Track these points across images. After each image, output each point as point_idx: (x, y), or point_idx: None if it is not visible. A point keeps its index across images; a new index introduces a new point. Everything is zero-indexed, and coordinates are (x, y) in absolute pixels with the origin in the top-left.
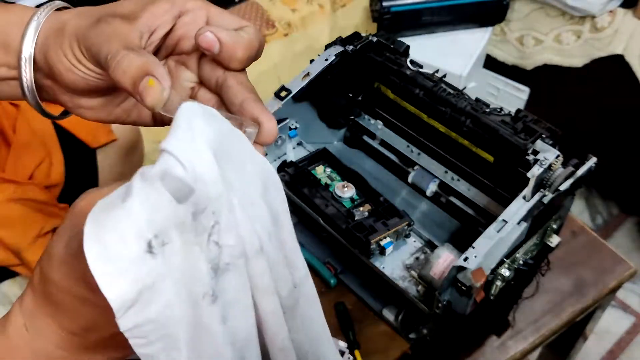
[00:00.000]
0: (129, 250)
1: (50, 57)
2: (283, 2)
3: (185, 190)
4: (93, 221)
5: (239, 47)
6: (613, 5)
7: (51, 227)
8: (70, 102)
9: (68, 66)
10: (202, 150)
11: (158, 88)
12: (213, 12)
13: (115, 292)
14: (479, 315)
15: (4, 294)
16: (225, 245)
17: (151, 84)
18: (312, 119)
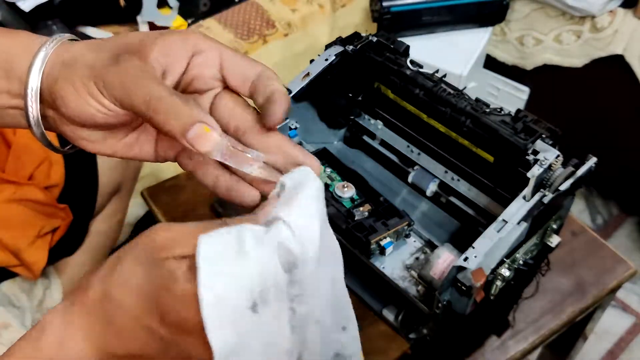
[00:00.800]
0: (240, 304)
1: (56, 90)
2: (283, 2)
3: (292, 264)
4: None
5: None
6: (613, 5)
7: (51, 228)
8: (72, 133)
9: (78, 101)
10: (315, 232)
11: (214, 135)
12: (226, 55)
13: (221, 340)
14: (479, 315)
15: (3, 294)
16: (298, 313)
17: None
18: (312, 119)
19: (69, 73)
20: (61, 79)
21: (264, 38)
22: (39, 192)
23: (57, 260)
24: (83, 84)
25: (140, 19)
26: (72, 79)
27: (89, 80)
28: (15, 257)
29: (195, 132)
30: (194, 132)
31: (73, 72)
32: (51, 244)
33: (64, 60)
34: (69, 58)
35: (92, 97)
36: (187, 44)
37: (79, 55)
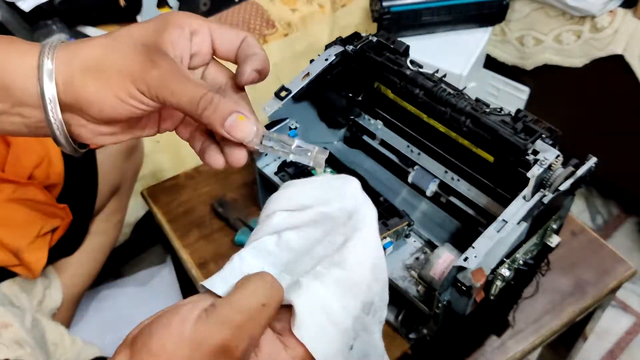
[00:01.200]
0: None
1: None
2: (283, 2)
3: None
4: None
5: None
6: (613, 5)
7: (50, 228)
8: (90, 132)
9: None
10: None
11: (248, 123)
12: (214, 29)
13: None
14: (479, 315)
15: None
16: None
17: (242, 119)
18: (312, 119)
19: (100, 79)
20: (93, 86)
21: (264, 38)
22: (38, 191)
23: (57, 260)
24: (123, 88)
25: (140, 19)
26: (108, 85)
27: (129, 84)
28: (15, 257)
29: (232, 121)
30: (231, 122)
31: (107, 78)
32: (51, 244)
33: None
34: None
35: (134, 98)
36: (186, 32)
37: (101, 59)
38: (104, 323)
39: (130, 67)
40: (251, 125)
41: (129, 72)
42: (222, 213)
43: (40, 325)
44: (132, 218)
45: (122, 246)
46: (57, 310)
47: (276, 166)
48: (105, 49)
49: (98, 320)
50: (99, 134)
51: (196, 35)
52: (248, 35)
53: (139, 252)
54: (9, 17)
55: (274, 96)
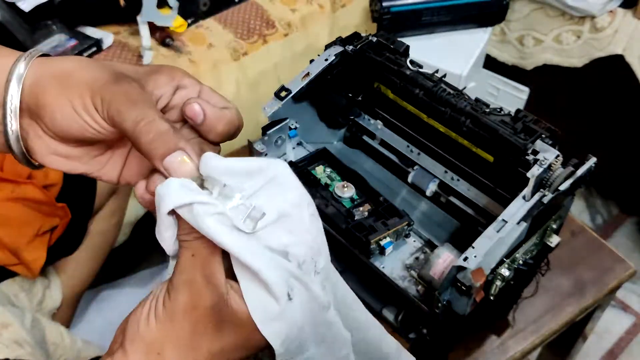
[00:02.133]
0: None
1: (45, 99)
2: (283, 2)
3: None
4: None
5: (220, 122)
6: (613, 5)
7: (49, 227)
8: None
9: (69, 113)
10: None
11: (191, 165)
12: (204, 90)
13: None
14: (479, 315)
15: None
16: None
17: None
18: (312, 119)
19: (63, 85)
20: (54, 90)
21: (264, 38)
22: (37, 191)
23: (57, 260)
24: (79, 97)
25: (140, 19)
26: (67, 91)
27: (87, 94)
28: (14, 256)
29: (173, 159)
30: (172, 159)
31: (69, 85)
32: (50, 243)
33: (55, 73)
34: (61, 72)
35: (86, 110)
36: (174, 81)
37: (73, 70)
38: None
39: (94, 80)
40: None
41: (91, 84)
42: None
43: (40, 325)
44: (132, 218)
45: (122, 246)
46: (57, 310)
47: None
48: (81, 64)
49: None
50: (52, 153)
51: (183, 90)
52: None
53: (139, 252)
54: (9, 17)
55: (274, 96)
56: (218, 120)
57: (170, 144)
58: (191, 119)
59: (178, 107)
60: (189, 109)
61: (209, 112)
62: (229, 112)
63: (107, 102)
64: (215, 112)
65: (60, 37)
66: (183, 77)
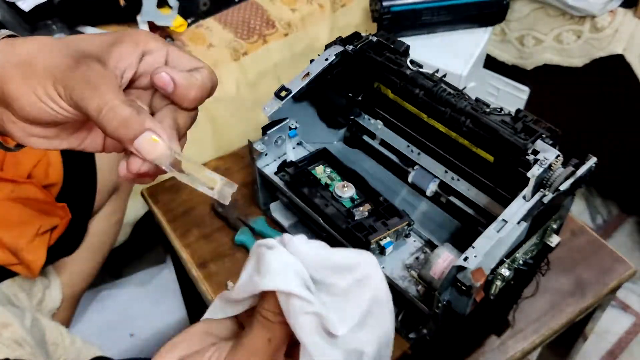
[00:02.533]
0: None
1: (11, 90)
2: (283, 2)
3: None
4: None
5: (191, 89)
6: (613, 5)
7: (49, 227)
8: (21, 131)
9: (35, 101)
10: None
11: (162, 145)
12: (171, 52)
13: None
14: (479, 315)
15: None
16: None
17: (155, 141)
18: (312, 119)
19: (25, 74)
20: (17, 80)
21: (264, 38)
22: (37, 190)
23: (57, 260)
24: (43, 86)
25: (140, 19)
26: (30, 80)
27: (49, 83)
28: (14, 256)
29: (143, 140)
30: (141, 141)
31: (31, 74)
32: (50, 243)
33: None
34: (22, 59)
35: (50, 98)
36: (138, 48)
37: (34, 55)
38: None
39: (55, 67)
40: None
41: (52, 71)
42: (222, 213)
43: (40, 325)
44: (132, 218)
45: (122, 246)
46: (57, 310)
47: (276, 166)
48: (40, 47)
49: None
50: (30, 135)
51: (149, 55)
52: (206, 68)
53: (139, 252)
54: (9, 17)
55: (274, 96)
56: (189, 87)
57: (136, 127)
58: (161, 89)
59: (147, 73)
60: (157, 78)
61: (178, 80)
62: (200, 76)
63: (68, 90)
64: (186, 78)
65: (60, 37)
66: (147, 42)
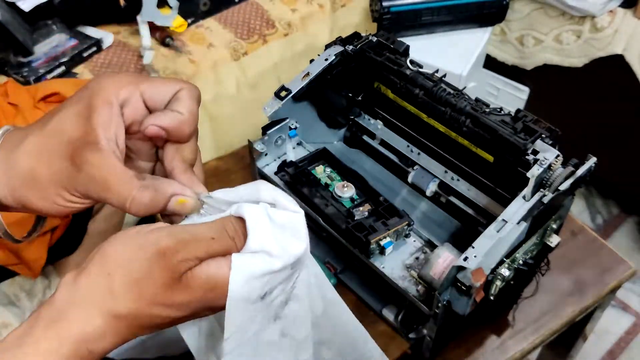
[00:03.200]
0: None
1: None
2: (283, 2)
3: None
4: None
5: (183, 126)
6: (613, 5)
7: (49, 227)
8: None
9: (58, 208)
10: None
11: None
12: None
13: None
14: (479, 315)
15: (3, 293)
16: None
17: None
18: (312, 119)
19: (37, 190)
20: (33, 198)
21: (264, 38)
22: None
23: (57, 260)
24: (58, 195)
25: (140, 19)
26: (45, 195)
27: (63, 191)
28: (15, 256)
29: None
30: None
31: (42, 189)
32: (50, 243)
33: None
34: (25, 176)
35: (71, 201)
36: (114, 107)
37: (34, 170)
38: None
39: (59, 176)
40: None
41: (58, 180)
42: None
43: None
44: (132, 218)
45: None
46: None
47: (276, 166)
48: (37, 159)
49: None
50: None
51: (127, 105)
52: (185, 89)
53: None
54: (9, 17)
55: (274, 96)
56: (180, 126)
57: (162, 203)
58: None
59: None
60: (148, 132)
61: (167, 126)
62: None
63: (84, 193)
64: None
65: (60, 37)
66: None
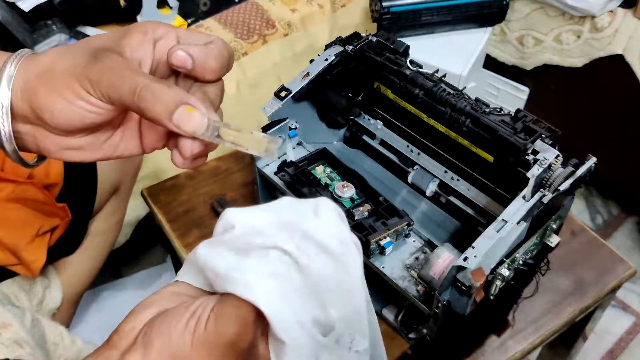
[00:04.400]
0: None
1: (38, 101)
2: (283, 2)
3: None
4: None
5: (210, 59)
6: (613, 5)
7: (49, 227)
8: (56, 145)
9: (65, 106)
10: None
11: (198, 114)
12: (182, 33)
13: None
14: (479, 315)
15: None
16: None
17: (190, 111)
18: (312, 119)
19: (48, 82)
20: (42, 89)
21: (264, 38)
22: (37, 190)
23: (57, 260)
24: (68, 88)
25: (140, 19)
26: (55, 86)
27: (74, 82)
28: (14, 256)
29: (180, 114)
30: (179, 114)
31: (54, 80)
32: (50, 243)
33: (37, 72)
34: (42, 69)
35: (80, 98)
36: (148, 36)
37: (52, 63)
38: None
39: (74, 67)
40: (201, 117)
41: (73, 71)
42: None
43: (40, 325)
44: (133, 218)
45: (122, 246)
46: (57, 310)
47: (276, 166)
48: (58, 54)
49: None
50: (65, 148)
51: (161, 40)
52: (218, 40)
53: (139, 252)
54: (9, 17)
55: (274, 96)
56: (207, 58)
57: (170, 101)
58: (181, 67)
59: (164, 59)
60: (174, 57)
61: (195, 54)
62: (215, 46)
63: (96, 83)
64: (201, 50)
65: (60, 37)
66: (156, 29)
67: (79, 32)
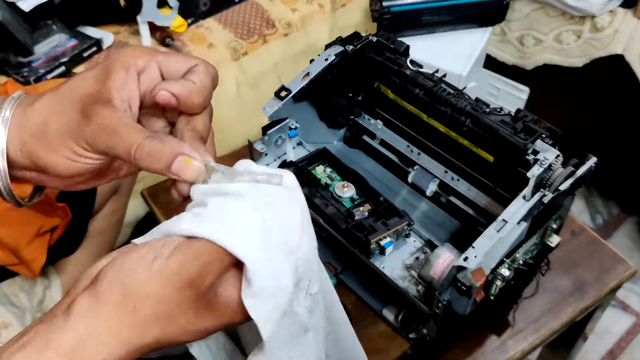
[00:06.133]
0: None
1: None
2: (283, 2)
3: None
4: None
5: (193, 95)
6: (613, 5)
7: (49, 227)
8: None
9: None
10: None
11: (195, 164)
12: (162, 61)
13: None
14: (479, 315)
15: (3, 293)
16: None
17: (188, 162)
18: (312, 119)
19: (46, 143)
20: (41, 151)
21: (264, 38)
22: None
23: (57, 260)
24: (66, 147)
25: (140, 19)
26: (54, 147)
27: (71, 142)
28: (15, 256)
29: (178, 165)
30: (177, 166)
31: (51, 140)
32: (50, 243)
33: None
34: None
35: (79, 155)
36: (131, 71)
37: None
38: None
39: (68, 127)
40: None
41: (67, 131)
42: None
43: None
44: (133, 218)
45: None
46: None
47: (276, 166)
48: (49, 111)
49: None
50: (73, 185)
51: (144, 73)
52: (201, 64)
53: None
54: (9, 17)
55: (274, 96)
56: (189, 95)
57: (166, 157)
58: (166, 106)
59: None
60: (158, 98)
61: (177, 92)
62: (196, 78)
63: (92, 144)
64: (184, 87)
65: (60, 37)
66: (136, 60)
67: (79, 32)
